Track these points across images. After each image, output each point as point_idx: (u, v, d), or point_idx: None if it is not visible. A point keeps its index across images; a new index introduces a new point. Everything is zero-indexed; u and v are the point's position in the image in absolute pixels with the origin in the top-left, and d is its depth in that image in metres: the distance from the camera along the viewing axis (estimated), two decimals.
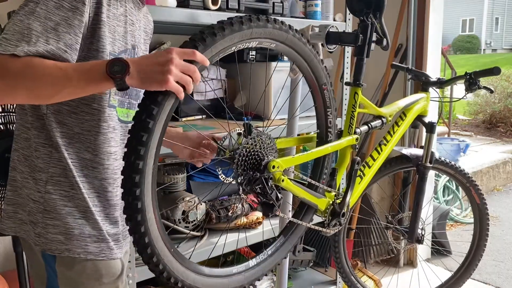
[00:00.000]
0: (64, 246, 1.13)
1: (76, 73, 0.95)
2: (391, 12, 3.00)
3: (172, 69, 0.93)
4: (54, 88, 0.96)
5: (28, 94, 0.96)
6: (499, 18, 26.43)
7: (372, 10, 1.42)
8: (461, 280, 2.24)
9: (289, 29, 1.21)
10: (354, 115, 1.48)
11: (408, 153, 1.96)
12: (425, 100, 1.90)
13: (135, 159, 0.94)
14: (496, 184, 5.18)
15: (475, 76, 1.87)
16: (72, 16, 1.01)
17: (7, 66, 0.93)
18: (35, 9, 0.98)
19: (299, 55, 1.29)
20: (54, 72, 0.95)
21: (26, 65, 0.94)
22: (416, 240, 2.00)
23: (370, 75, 3.11)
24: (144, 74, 0.94)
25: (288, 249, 1.39)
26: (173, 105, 0.99)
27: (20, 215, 1.17)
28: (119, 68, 0.93)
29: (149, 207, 0.97)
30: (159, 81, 0.93)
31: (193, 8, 1.78)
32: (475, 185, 2.12)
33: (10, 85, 0.93)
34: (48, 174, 1.12)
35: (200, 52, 0.99)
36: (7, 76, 0.93)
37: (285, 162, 1.22)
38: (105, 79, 0.94)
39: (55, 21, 0.99)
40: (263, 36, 1.14)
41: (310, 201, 1.38)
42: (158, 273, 1.02)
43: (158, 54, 0.96)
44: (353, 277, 2.16)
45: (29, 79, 0.94)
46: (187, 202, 1.91)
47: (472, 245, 2.22)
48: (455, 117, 8.02)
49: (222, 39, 1.03)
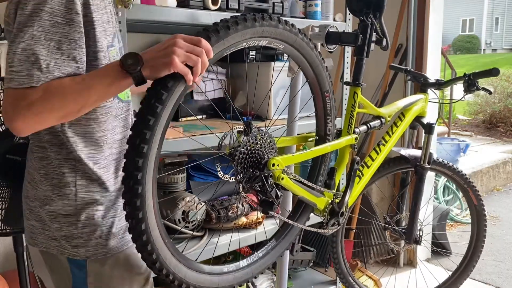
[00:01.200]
0: (107, 247, 1.15)
1: (94, 81, 0.98)
2: (391, 12, 3.00)
3: (176, 49, 0.94)
4: (79, 102, 0.98)
5: (57, 116, 0.98)
6: (499, 18, 26.43)
7: (372, 10, 1.43)
8: (458, 281, 2.25)
9: (299, 32, 1.22)
10: (353, 115, 1.48)
11: (407, 154, 1.96)
12: (423, 101, 1.91)
13: (140, 142, 0.94)
14: (496, 184, 5.18)
15: (474, 77, 1.87)
16: (70, 30, 1.01)
17: (30, 98, 0.95)
18: (32, 33, 0.96)
19: (305, 59, 1.29)
20: (75, 87, 0.97)
21: (46, 91, 0.95)
22: (414, 241, 2.00)
23: (370, 75, 3.11)
24: (153, 61, 0.95)
25: (279, 253, 1.39)
26: (182, 92, 0.98)
27: (47, 231, 1.17)
28: (133, 60, 0.94)
29: (149, 193, 0.97)
30: (165, 63, 0.93)
31: (193, 8, 1.79)
32: (472, 186, 2.13)
33: (37, 114, 0.95)
34: (76, 187, 1.13)
35: (213, 43, 0.99)
36: (33, 107, 0.95)
37: (285, 160, 1.23)
38: (123, 76, 0.95)
39: (56, 40, 0.99)
40: (273, 36, 1.15)
41: (309, 200, 1.38)
42: (151, 262, 1.01)
43: (163, 41, 0.97)
44: (351, 278, 2.16)
45: (54, 103, 0.96)
46: (187, 202, 1.92)
47: (470, 245, 2.23)
48: (455, 117, 8.02)
49: (235, 33, 1.04)
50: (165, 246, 1.03)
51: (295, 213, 1.46)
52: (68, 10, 1.00)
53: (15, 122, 0.95)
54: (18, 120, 0.95)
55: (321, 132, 1.45)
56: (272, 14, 1.13)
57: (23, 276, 1.66)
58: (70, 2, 1.00)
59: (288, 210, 1.71)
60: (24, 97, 0.95)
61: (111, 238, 1.16)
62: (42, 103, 0.95)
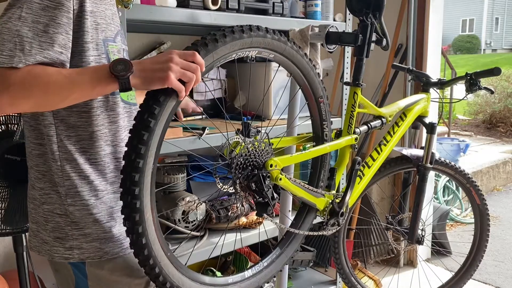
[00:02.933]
0: (101, 251, 1.14)
1: (80, 77, 0.96)
2: (391, 12, 3.00)
3: (173, 66, 0.94)
4: (60, 96, 0.96)
5: (34, 104, 0.96)
6: (499, 18, 26.42)
7: (372, 10, 1.43)
8: (461, 281, 2.24)
9: (288, 41, 1.23)
10: (353, 115, 1.48)
11: (409, 154, 1.95)
12: (425, 100, 1.90)
13: (136, 157, 0.94)
14: (496, 184, 5.18)
15: (476, 77, 1.87)
16: (59, 14, 1.00)
17: (9, 79, 0.92)
18: (20, 14, 0.96)
19: (297, 67, 1.30)
20: (59, 80, 0.95)
21: (29, 75, 0.93)
22: (416, 241, 2.00)
23: (370, 75, 3.11)
24: (146, 73, 0.95)
25: (284, 261, 1.39)
26: (174, 106, 0.99)
27: (42, 234, 1.16)
28: (123, 66, 0.94)
29: (147, 207, 0.97)
30: (160, 78, 0.94)
31: (193, 8, 1.79)
32: (475, 185, 2.12)
33: (14, 97, 0.93)
34: (65, 187, 1.11)
35: (202, 56, 1.00)
36: (11, 88, 0.92)
37: (283, 161, 1.23)
38: (110, 79, 0.95)
39: (44, 23, 0.98)
40: (262, 46, 1.16)
41: (309, 201, 1.38)
42: (154, 277, 1.02)
43: (159, 55, 0.97)
44: (354, 278, 2.16)
45: (35, 90, 0.94)
46: (187, 202, 1.91)
47: (473, 246, 2.22)
48: (455, 117, 8.01)
49: (223, 45, 1.05)
50: (167, 259, 1.03)
51: (298, 220, 1.46)
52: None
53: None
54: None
55: (318, 138, 1.45)
56: (260, 25, 1.14)
57: (23, 276, 1.66)
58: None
59: (291, 219, 1.70)
60: (3, 77, 0.92)
61: (109, 241, 1.14)
62: (22, 87, 0.93)
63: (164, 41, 2.31)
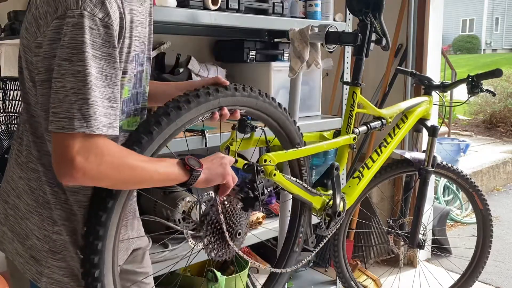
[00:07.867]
0: (70, 287, 1.06)
1: (173, 174, 1.01)
2: (391, 12, 2.99)
3: (227, 167, 1.10)
4: (136, 186, 1.03)
5: (112, 185, 0.97)
6: (499, 18, 26.41)
7: (371, 10, 1.43)
8: (465, 287, 2.22)
9: (259, 95, 1.23)
10: (352, 114, 1.48)
11: (410, 157, 1.93)
12: (427, 103, 1.89)
13: (94, 239, 0.97)
14: (496, 184, 5.17)
15: (478, 79, 1.85)
16: (106, 66, 0.91)
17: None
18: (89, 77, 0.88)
19: (271, 118, 1.31)
20: (154, 178, 0.99)
21: (127, 167, 0.94)
22: (417, 246, 1.98)
23: (370, 75, 3.11)
24: (210, 171, 1.06)
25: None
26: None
27: (16, 245, 1.08)
28: (194, 162, 1.02)
29: (109, 286, 0.99)
30: (222, 174, 1.09)
31: (193, 8, 1.78)
32: (478, 190, 2.08)
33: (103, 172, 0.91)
34: (57, 215, 1.03)
35: (164, 125, 1.02)
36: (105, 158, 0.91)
37: (277, 156, 1.23)
38: (183, 172, 1.01)
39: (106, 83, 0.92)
40: (231, 104, 1.17)
41: (304, 198, 1.37)
42: None
43: (211, 156, 1.11)
44: (353, 282, 2.14)
45: (126, 178, 0.95)
46: (187, 202, 1.91)
47: (476, 250, 2.19)
48: (455, 117, 8.01)
49: (187, 112, 1.06)
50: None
51: (281, 261, 1.50)
52: (104, 43, 0.90)
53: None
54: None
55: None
56: (228, 85, 1.15)
57: None
58: (108, 35, 0.90)
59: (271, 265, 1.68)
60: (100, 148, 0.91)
61: (79, 280, 1.05)
62: (113, 172, 0.92)
63: (164, 41, 2.30)
